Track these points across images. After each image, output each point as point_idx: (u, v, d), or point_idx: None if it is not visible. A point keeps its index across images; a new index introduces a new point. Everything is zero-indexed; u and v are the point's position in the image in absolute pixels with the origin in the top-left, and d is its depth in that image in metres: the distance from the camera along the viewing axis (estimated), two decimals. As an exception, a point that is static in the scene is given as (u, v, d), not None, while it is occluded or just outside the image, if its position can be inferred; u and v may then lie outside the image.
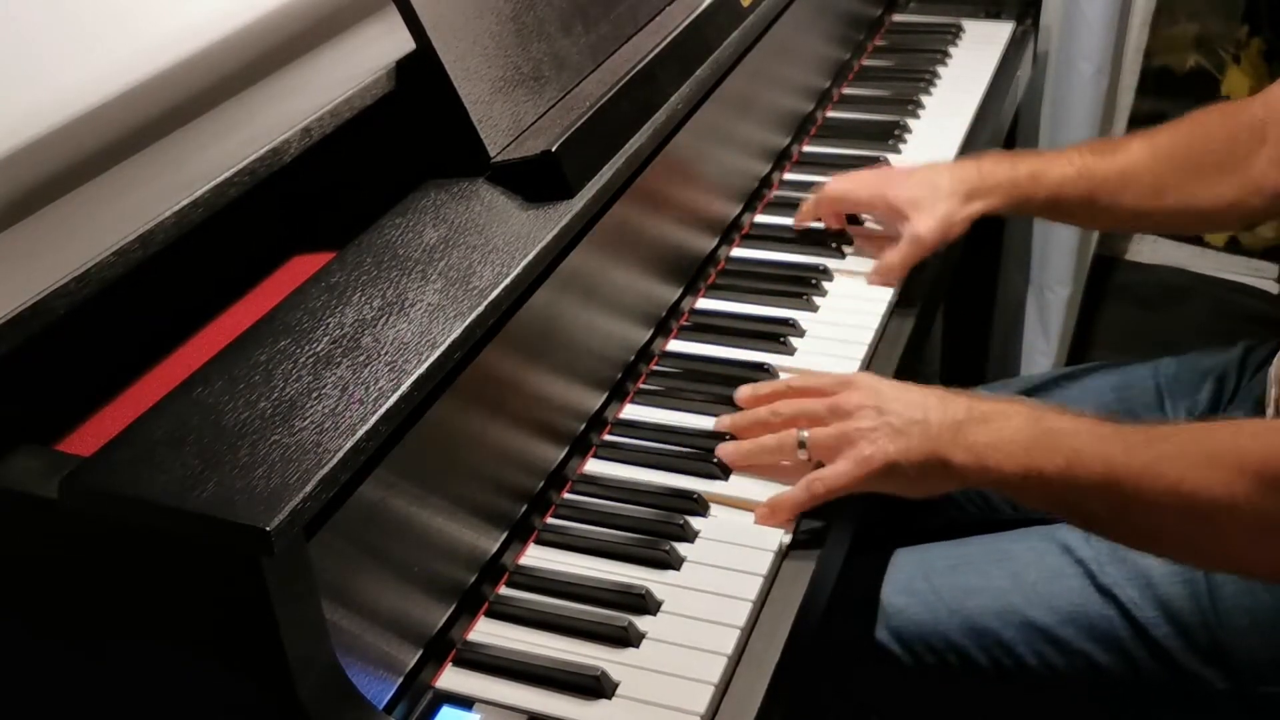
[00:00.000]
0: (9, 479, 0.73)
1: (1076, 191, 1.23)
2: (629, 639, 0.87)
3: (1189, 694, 1.05)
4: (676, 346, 1.17)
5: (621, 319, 1.10)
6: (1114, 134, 2.06)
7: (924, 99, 1.58)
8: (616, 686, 0.84)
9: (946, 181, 1.24)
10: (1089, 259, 2.17)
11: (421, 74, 0.97)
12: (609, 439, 1.06)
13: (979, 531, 1.17)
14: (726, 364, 1.13)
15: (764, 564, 0.93)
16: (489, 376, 0.90)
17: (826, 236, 1.31)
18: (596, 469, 1.03)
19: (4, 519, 0.75)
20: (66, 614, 0.78)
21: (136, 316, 0.88)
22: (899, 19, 1.82)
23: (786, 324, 1.18)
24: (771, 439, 1.01)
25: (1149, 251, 2.53)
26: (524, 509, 0.96)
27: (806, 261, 1.28)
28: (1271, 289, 2.44)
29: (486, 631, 0.89)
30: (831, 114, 1.56)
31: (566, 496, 1.00)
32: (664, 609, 0.90)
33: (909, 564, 1.14)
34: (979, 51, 1.71)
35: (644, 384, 1.12)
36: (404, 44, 0.98)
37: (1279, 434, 0.84)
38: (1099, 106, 1.92)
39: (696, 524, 0.97)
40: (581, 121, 1.00)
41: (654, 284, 1.16)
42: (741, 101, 1.31)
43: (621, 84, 1.06)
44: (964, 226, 1.24)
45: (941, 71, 1.66)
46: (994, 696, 1.11)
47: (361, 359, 0.79)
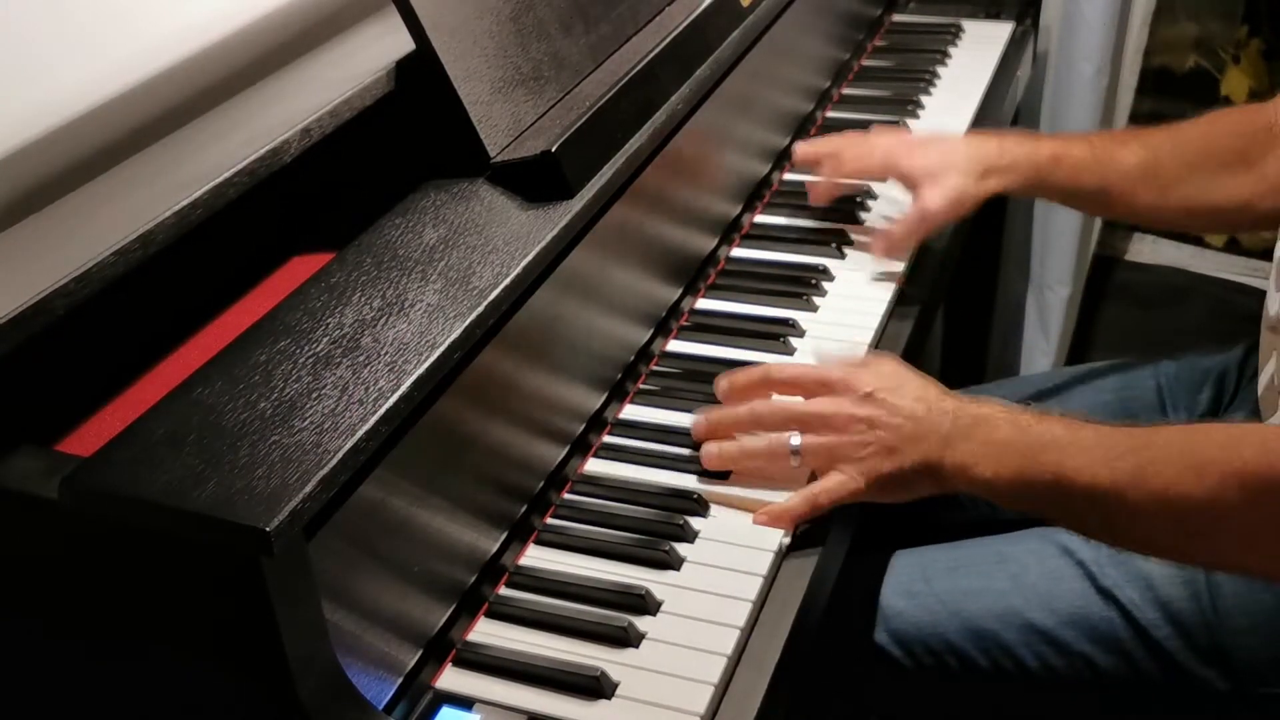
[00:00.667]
0: (9, 479, 0.73)
1: (1093, 179, 1.22)
2: (629, 639, 0.87)
3: (1189, 695, 1.05)
4: (676, 346, 1.17)
5: (621, 319, 1.10)
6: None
7: (924, 99, 1.58)
8: (616, 686, 0.84)
9: (963, 156, 1.22)
10: (1089, 259, 2.17)
11: (421, 74, 0.97)
12: (609, 439, 1.06)
13: (979, 533, 1.17)
14: (726, 364, 1.13)
15: (764, 564, 0.93)
16: (489, 376, 0.90)
17: (827, 236, 1.31)
18: (596, 469, 1.03)
19: (4, 519, 0.75)
20: (67, 614, 0.78)
21: (136, 316, 0.88)
22: (899, 19, 1.82)
23: (786, 324, 1.18)
24: (760, 444, 1.00)
25: (1149, 251, 2.53)
26: (524, 509, 0.96)
27: (806, 261, 1.27)
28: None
29: (486, 632, 0.89)
30: (831, 114, 1.56)
31: (566, 496, 1.00)
32: (664, 609, 0.90)
33: (908, 566, 1.14)
34: (979, 51, 1.71)
35: (644, 384, 1.12)
36: (404, 44, 0.98)
37: (1264, 441, 0.84)
38: (1099, 106, 1.92)
39: (696, 524, 0.97)
40: (581, 122, 1.00)
41: (654, 284, 1.16)
42: (741, 101, 1.31)
43: (621, 84, 1.06)
44: (976, 204, 1.22)
45: (941, 71, 1.66)
46: (994, 698, 1.11)
47: (361, 359, 0.79)
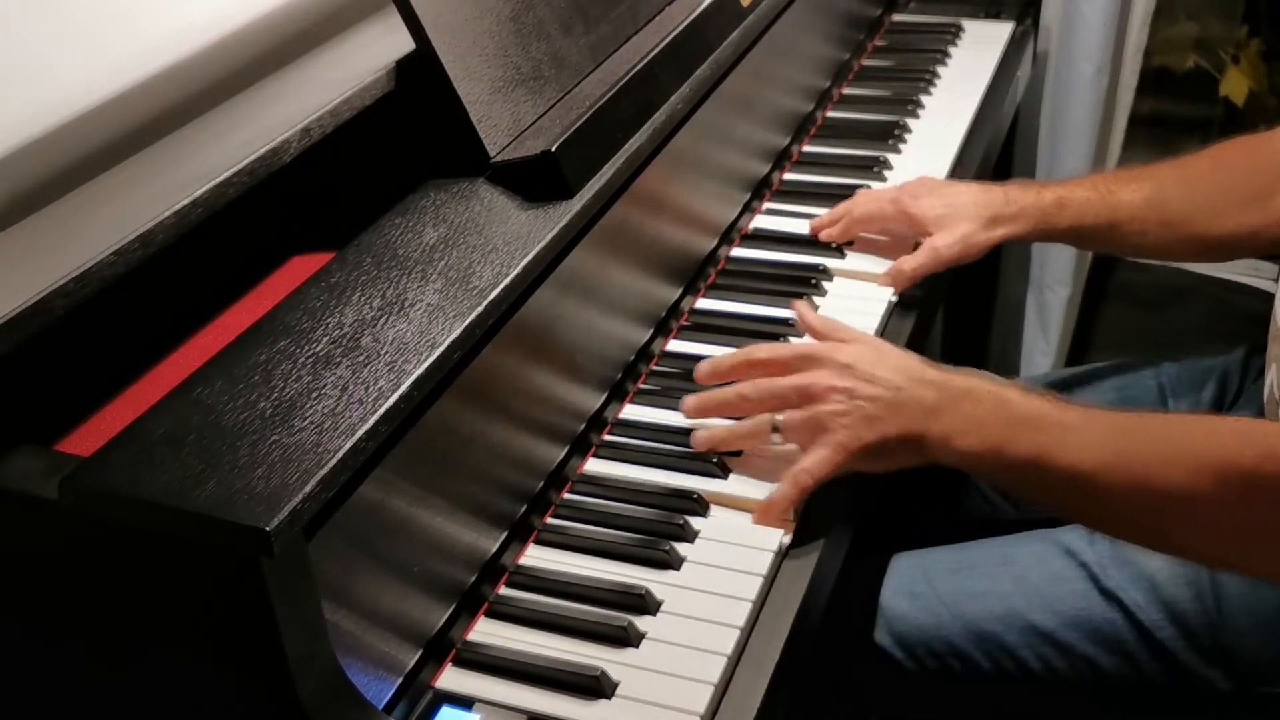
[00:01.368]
0: (9, 479, 0.73)
1: (1100, 218, 1.23)
2: (629, 639, 0.87)
3: (1193, 696, 1.04)
4: (676, 346, 1.17)
5: (621, 319, 1.10)
6: (1114, 134, 2.06)
7: (924, 99, 1.58)
8: (616, 686, 0.84)
9: (970, 205, 1.24)
10: (1089, 259, 2.17)
11: (421, 74, 0.97)
12: (609, 439, 1.06)
13: (980, 534, 1.17)
14: (726, 364, 1.13)
15: (764, 564, 0.93)
16: (489, 376, 0.90)
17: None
18: (596, 469, 1.03)
19: (4, 519, 0.75)
20: (67, 615, 0.78)
21: (136, 316, 0.88)
22: (899, 19, 1.82)
23: (786, 324, 1.18)
24: (746, 425, 1.01)
25: (1149, 251, 2.53)
26: (524, 509, 0.96)
27: (806, 261, 1.27)
28: (1271, 289, 2.44)
29: (486, 631, 0.89)
30: (831, 114, 1.56)
31: (566, 496, 1.00)
32: (664, 609, 0.90)
33: (910, 567, 1.14)
34: (979, 51, 1.71)
35: (644, 384, 1.12)
36: (404, 44, 0.98)
37: (1239, 434, 0.85)
38: (1099, 106, 1.92)
39: (696, 524, 0.97)
40: (581, 121, 1.00)
41: (654, 284, 1.16)
42: (741, 101, 1.31)
43: (621, 84, 1.06)
44: (983, 250, 1.24)
45: (941, 71, 1.66)
46: (996, 700, 1.11)
47: (361, 359, 0.79)
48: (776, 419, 0.99)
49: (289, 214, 1.00)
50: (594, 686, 0.83)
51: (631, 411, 1.09)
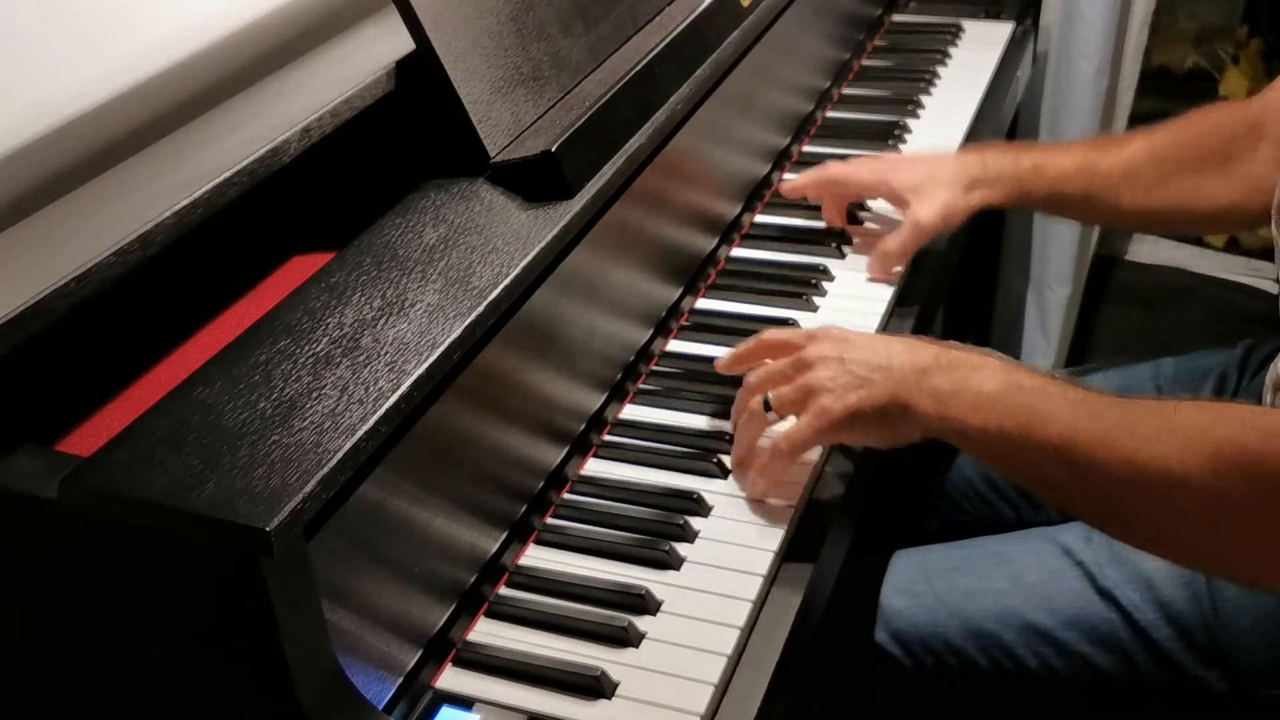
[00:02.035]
0: (9, 479, 0.73)
1: (1077, 186, 1.23)
2: (629, 639, 0.87)
3: (1189, 696, 1.05)
4: (676, 346, 1.17)
5: (621, 319, 1.10)
6: (1114, 134, 2.06)
7: (924, 99, 1.58)
8: (616, 686, 0.84)
9: (949, 170, 1.24)
10: (1089, 259, 2.17)
11: (421, 74, 0.97)
12: (609, 439, 1.06)
13: (979, 533, 1.17)
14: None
15: (764, 564, 0.93)
16: (489, 376, 0.90)
17: (827, 236, 1.31)
18: (596, 469, 1.03)
19: (4, 519, 0.75)
20: (66, 614, 0.78)
21: (136, 316, 0.88)
22: (899, 19, 1.82)
23: (787, 324, 1.18)
24: (744, 417, 1.00)
25: (1149, 251, 2.53)
26: (524, 509, 0.96)
27: (806, 261, 1.28)
28: (1271, 289, 2.44)
29: (486, 631, 0.89)
30: (831, 114, 1.56)
31: (566, 496, 1.00)
32: (664, 609, 0.90)
33: (909, 566, 1.14)
34: (979, 51, 1.71)
35: (644, 384, 1.12)
36: (404, 44, 0.98)
37: (1242, 417, 0.83)
38: (1099, 106, 1.92)
39: (696, 524, 0.97)
40: (581, 121, 1.00)
41: (654, 284, 1.16)
42: (741, 101, 1.31)
43: (621, 84, 1.06)
44: (965, 216, 1.23)
45: (941, 71, 1.66)
46: (994, 698, 1.11)
47: (361, 359, 0.79)
48: (767, 397, 0.98)
49: (289, 214, 1.00)
50: (594, 686, 0.83)
51: (631, 411, 1.09)
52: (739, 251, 1.30)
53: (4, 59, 0.86)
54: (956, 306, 2.04)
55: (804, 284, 1.24)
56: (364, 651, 0.79)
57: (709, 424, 1.07)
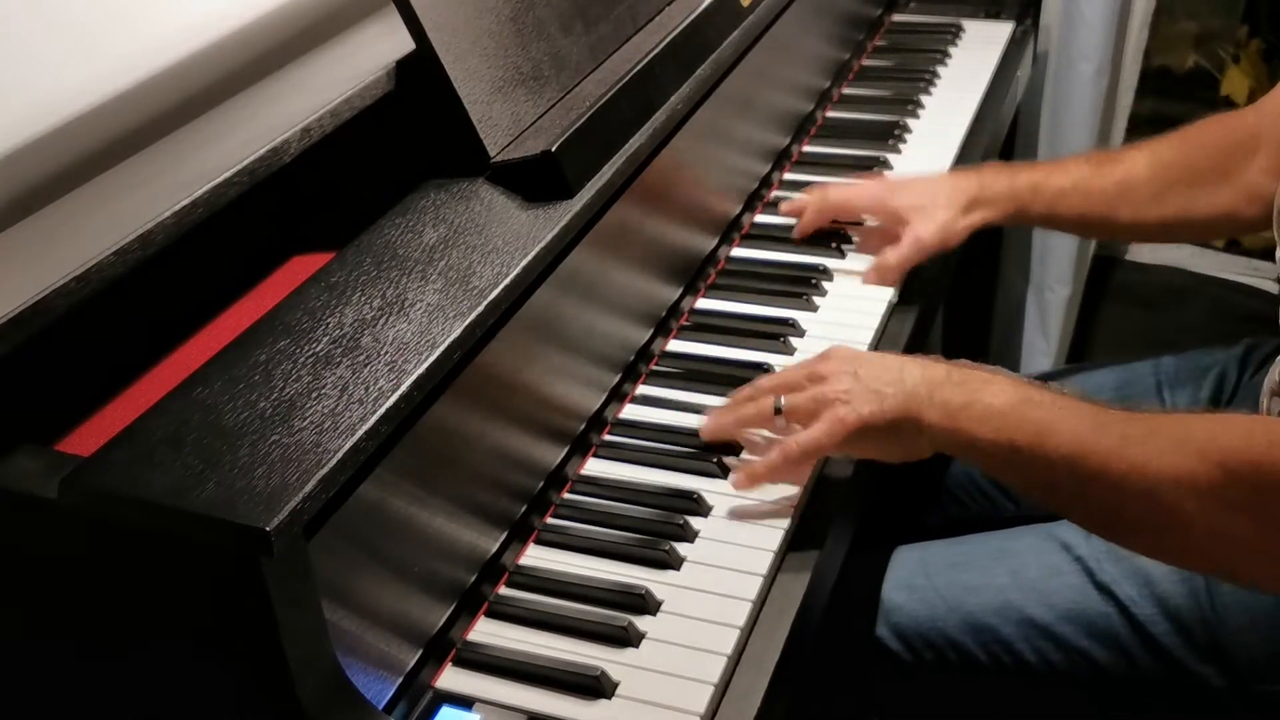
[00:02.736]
0: (9, 479, 0.73)
1: (1073, 204, 1.25)
2: (629, 639, 0.87)
3: (1187, 691, 1.05)
4: (676, 346, 1.17)
5: (621, 319, 1.10)
6: (1114, 134, 2.07)
7: (924, 99, 1.58)
8: (616, 686, 0.84)
9: (947, 192, 1.25)
10: (1089, 259, 2.17)
11: (421, 74, 0.97)
12: (609, 439, 1.06)
13: (979, 529, 1.18)
14: (726, 364, 1.13)
15: (764, 564, 0.93)
16: (489, 376, 0.90)
17: (826, 236, 1.31)
18: (596, 469, 1.03)
19: (4, 519, 0.75)
20: (66, 614, 0.78)
21: (136, 316, 0.88)
22: (899, 19, 1.82)
23: (786, 324, 1.18)
24: (750, 407, 1.01)
25: (1149, 251, 2.53)
26: (524, 509, 0.96)
27: (806, 261, 1.28)
28: (1271, 289, 2.44)
29: (486, 631, 0.89)
30: (831, 114, 1.56)
31: (566, 496, 1.00)
32: (664, 609, 0.90)
33: (909, 561, 1.14)
34: (979, 51, 1.71)
35: (644, 384, 1.12)
36: (404, 44, 0.98)
37: (1249, 427, 0.84)
38: (1099, 106, 1.92)
39: (696, 524, 0.97)
40: (581, 121, 1.00)
41: (654, 284, 1.16)
42: (741, 101, 1.31)
43: (621, 84, 1.06)
44: (963, 236, 1.25)
45: (941, 71, 1.66)
46: (993, 693, 1.11)
47: (361, 359, 0.79)
48: (780, 401, 0.99)
49: (289, 214, 1.00)
50: (594, 686, 0.83)
51: (631, 411, 1.09)
52: (739, 251, 1.30)
53: (4, 59, 0.86)
54: (956, 306, 2.04)
55: (804, 284, 1.24)
56: (364, 651, 0.79)
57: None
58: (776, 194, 1.39)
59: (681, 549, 0.94)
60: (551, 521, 0.98)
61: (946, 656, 1.09)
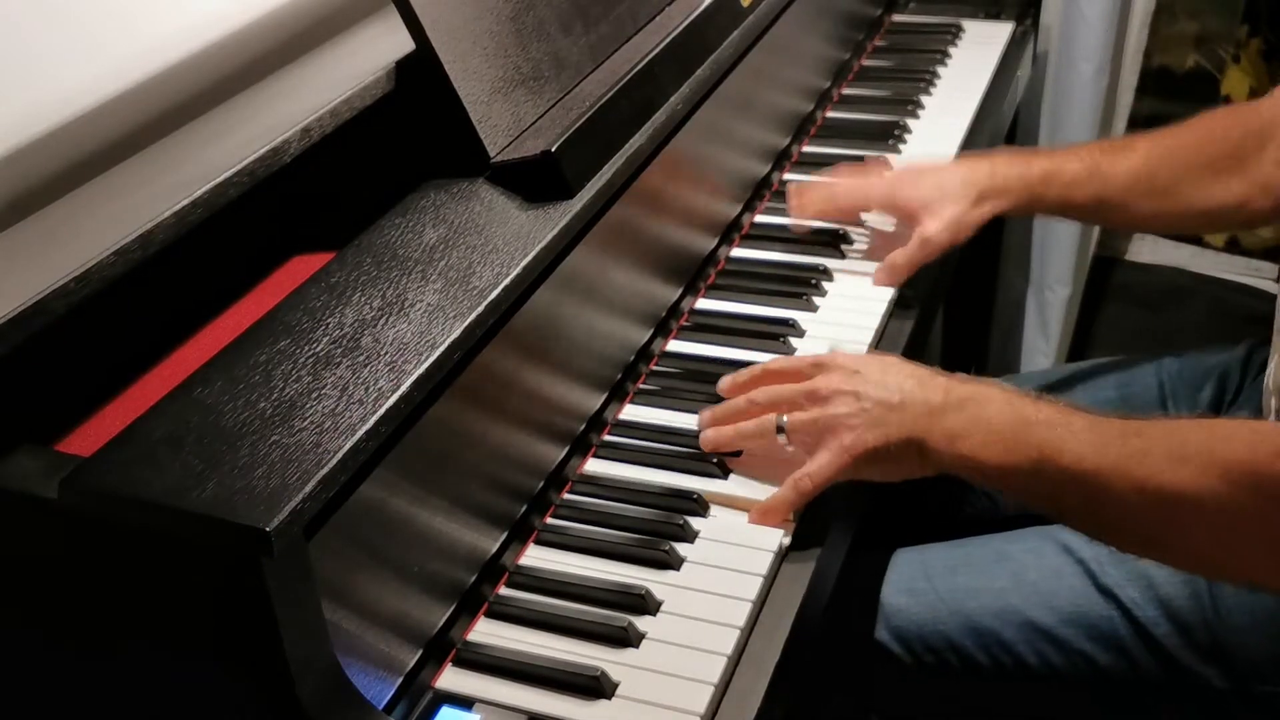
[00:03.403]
0: (9, 479, 0.73)
1: (1087, 191, 1.22)
2: (629, 639, 0.87)
3: (1189, 693, 1.05)
4: (676, 346, 1.17)
5: (621, 319, 1.10)
6: (1114, 134, 2.06)
7: (924, 99, 1.58)
8: (616, 686, 0.84)
9: (957, 183, 1.23)
10: (1089, 259, 2.17)
11: (421, 74, 0.97)
12: (609, 439, 1.06)
13: (980, 531, 1.17)
14: (726, 364, 1.13)
15: (764, 564, 0.93)
16: (489, 376, 0.90)
17: (826, 236, 1.31)
18: (596, 469, 1.03)
19: (4, 519, 0.75)
20: (66, 614, 0.78)
21: (136, 316, 0.88)
22: (899, 19, 1.82)
23: (786, 324, 1.18)
24: (750, 424, 1.01)
25: (1149, 251, 2.53)
26: (524, 509, 0.96)
27: (806, 261, 1.27)
28: (1271, 289, 2.44)
29: (486, 631, 0.89)
30: (831, 114, 1.56)
31: (566, 496, 1.00)
32: (664, 609, 0.90)
33: (909, 563, 1.14)
34: (979, 51, 1.71)
35: (644, 384, 1.12)
36: (404, 44, 0.98)
37: (1250, 439, 0.84)
38: (1099, 106, 1.92)
39: (696, 524, 0.97)
40: (581, 121, 1.00)
41: (654, 284, 1.16)
42: (741, 101, 1.31)
43: (621, 84, 1.06)
44: (974, 228, 1.23)
45: (941, 71, 1.66)
46: (994, 696, 1.11)
47: (361, 359, 0.79)
48: (781, 420, 0.99)
49: (289, 214, 1.00)
50: (594, 686, 0.83)
51: (631, 411, 1.09)
52: (739, 251, 1.30)
53: (4, 59, 0.86)
54: (956, 306, 2.04)
55: (804, 284, 1.24)
56: (364, 651, 0.79)
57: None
58: (777, 193, 1.39)
59: (681, 549, 0.94)
60: (551, 521, 0.98)
61: (947, 659, 1.09)
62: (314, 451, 0.71)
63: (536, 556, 0.95)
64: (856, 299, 1.23)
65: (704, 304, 1.23)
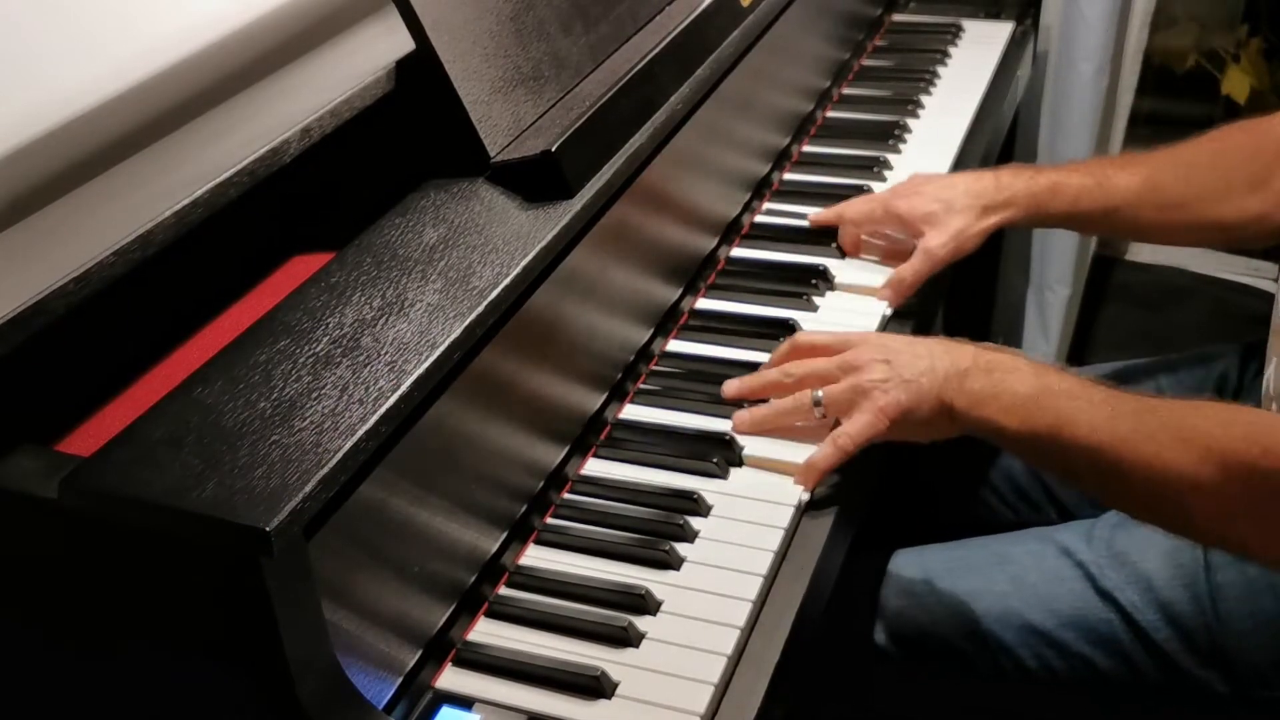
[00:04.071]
0: (9, 479, 0.73)
1: (1095, 203, 1.22)
2: (629, 639, 0.87)
3: (1189, 697, 1.05)
4: (676, 346, 1.17)
5: (621, 319, 1.10)
6: (1114, 134, 2.07)
7: (924, 99, 1.58)
8: (616, 686, 0.84)
9: (961, 196, 1.23)
10: (1089, 259, 2.17)
11: (421, 74, 0.97)
12: (609, 439, 1.06)
13: (979, 533, 1.17)
14: (726, 364, 1.13)
15: (764, 564, 0.93)
16: (489, 376, 0.90)
17: (826, 236, 1.31)
18: (596, 469, 1.03)
19: (4, 519, 0.75)
20: (66, 614, 0.78)
21: (136, 316, 0.88)
22: (899, 19, 1.82)
23: (786, 324, 1.18)
24: (787, 402, 1.03)
25: (1149, 252, 2.53)
26: (524, 509, 0.96)
27: (806, 262, 1.27)
28: (1271, 289, 2.44)
29: (486, 631, 0.89)
30: (831, 114, 1.56)
31: (566, 496, 1.00)
32: (664, 609, 0.90)
33: (909, 566, 1.14)
34: (979, 51, 1.71)
35: (644, 384, 1.12)
36: (404, 44, 0.98)
37: (1245, 432, 0.87)
38: (1099, 106, 1.92)
39: (696, 524, 0.97)
40: (581, 121, 1.00)
41: (654, 284, 1.16)
42: (741, 101, 1.31)
43: (621, 84, 1.06)
44: (978, 241, 1.24)
45: (941, 71, 1.66)
46: (994, 699, 1.11)
47: (361, 359, 0.79)
48: (817, 394, 1.01)
49: (289, 214, 1.00)
50: (594, 686, 0.83)
51: (631, 411, 1.09)
52: (739, 251, 1.30)
53: (4, 59, 0.86)
54: (956, 307, 2.04)
55: (804, 284, 1.24)
56: (364, 651, 0.79)
57: (709, 424, 1.07)
58: (776, 194, 1.39)
59: (681, 549, 0.94)
60: (551, 521, 0.98)
61: (946, 661, 1.09)
62: (314, 451, 0.71)
63: (536, 556, 0.95)
64: (856, 299, 1.23)
65: (704, 304, 1.23)
